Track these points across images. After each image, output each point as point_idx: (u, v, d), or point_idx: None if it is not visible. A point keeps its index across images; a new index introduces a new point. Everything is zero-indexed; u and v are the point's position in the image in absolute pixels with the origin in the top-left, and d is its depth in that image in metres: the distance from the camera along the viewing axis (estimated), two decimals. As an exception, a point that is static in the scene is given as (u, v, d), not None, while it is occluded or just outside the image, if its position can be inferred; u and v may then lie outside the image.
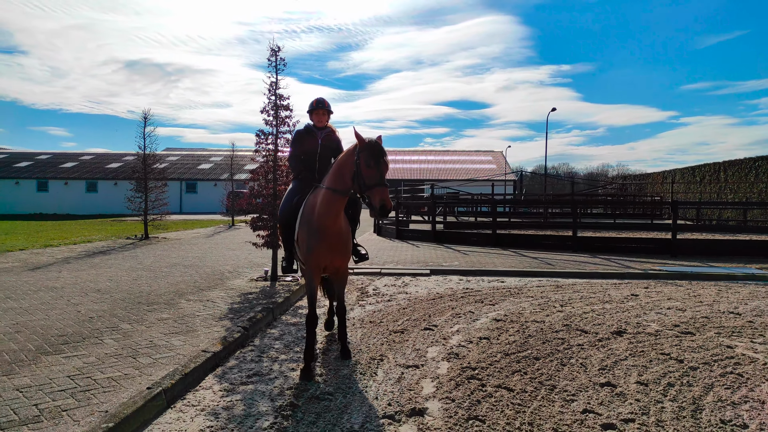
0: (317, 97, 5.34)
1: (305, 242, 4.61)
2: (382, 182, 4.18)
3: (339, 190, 4.42)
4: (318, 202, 4.55)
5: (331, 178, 4.53)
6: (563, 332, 5.93)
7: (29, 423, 3.21)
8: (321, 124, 5.29)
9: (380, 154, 4.23)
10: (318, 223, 4.51)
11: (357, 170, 4.25)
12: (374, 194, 4.11)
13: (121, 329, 5.50)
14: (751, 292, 8.75)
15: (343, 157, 4.53)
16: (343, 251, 4.70)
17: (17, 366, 4.28)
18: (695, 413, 3.71)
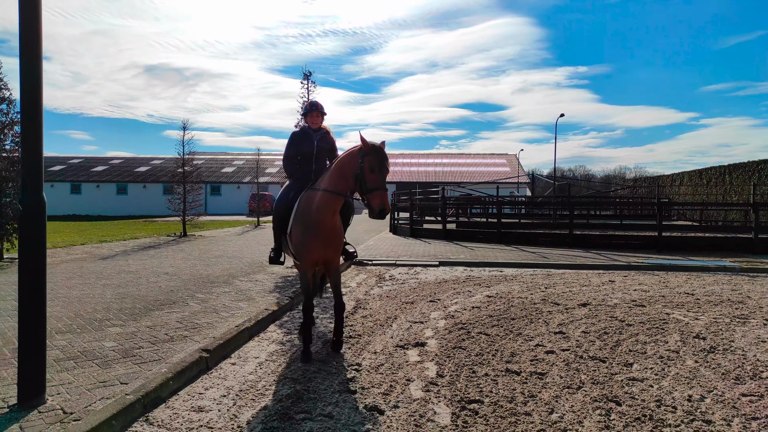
0: (311, 100, 5.58)
1: (299, 237, 4.79)
2: (382, 186, 4.42)
3: (338, 191, 4.63)
4: (315, 201, 4.73)
5: (331, 179, 4.69)
6: (540, 304, 7.52)
7: (168, 342, 4.95)
8: (315, 126, 5.43)
9: (384, 160, 4.45)
10: (314, 220, 4.70)
11: (360, 173, 4.42)
12: (375, 197, 4.34)
13: (198, 297, 7.26)
14: (716, 280, 10.20)
15: (344, 159, 4.66)
16: (335, 246, 4.91)
17: (137, 317, 6.04)
18: (615, 347, 5.31)
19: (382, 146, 4.56)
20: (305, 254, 4.77)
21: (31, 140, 3.30)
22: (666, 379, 4.36)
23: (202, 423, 3.41)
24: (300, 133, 5.43)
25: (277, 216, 5.25)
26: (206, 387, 4.09)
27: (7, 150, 11.07)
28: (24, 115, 3.28)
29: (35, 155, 3.32)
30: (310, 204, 4.77)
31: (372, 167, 4.38)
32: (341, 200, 4.73)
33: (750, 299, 8.08)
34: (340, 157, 4.79)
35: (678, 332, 5.94)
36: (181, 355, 4.46)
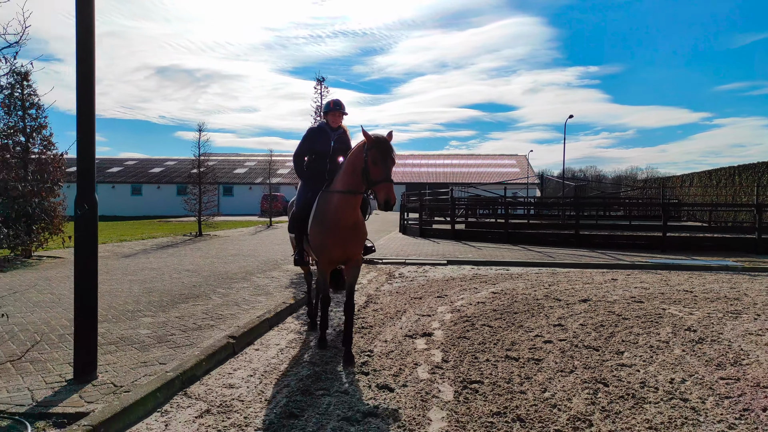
0: (334, 99, 5.42)
1: (318, 238, 4.78)
2: (387, 178, 4.34)
3: (353, 190, 4.62)
4: (333, 202, 4.73)
5: (344, 178, 4.69)
6: (542, 300, 7.91)
7: (196, 330, 5.42)
8: (335, 125, 5.35)
9: (387, 152, 4.36)
10: (332, 220, 4.70)
11: (365, 167, 4.40)
12: (380, 189, 4.28)
13: (219, 292, 7.74)
14: (716, 279, 10.50)
15: (352, 155, 4.67)
16: (357, 243, 4.88)
17: (165, 309, 6.53)
18: (609, 337, 5.70)
19: (388, 137, 4.49)
20: (323, 255, 4.78)
21: (86, 150, 3.78)
22: (653, 365, 4.75)
23: (234, 397, 3.87)
24: (317, 130, 5.33)
25: (295, 218, 5.22)
26: (234, 368, 4.55)
27: (35, 153, 11.66)
28: (79, 128, 3.76)
29: (89, 163, 3.80)
30: (328, 204, 4.77)
31: (375, 160, 4.33)
32: (358, 199, 4.70)
33: (746, 296, 8.40)
34: (348, 154, 4.78)
35: (671, 325, 6.31)
36: (210, 341, 4.93)
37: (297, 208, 5.18)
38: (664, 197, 25.48)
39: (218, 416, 3.51)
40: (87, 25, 3.79)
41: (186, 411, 3.59)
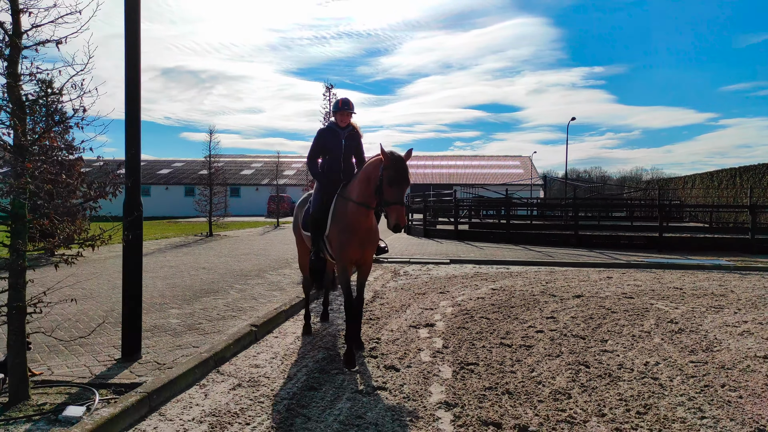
0: (342, 98, 5.45)
1: (338, 240, 4.87)
2: (400, 201, 4.40)
3: (366, 204, 4.75)
4: (349, 209, 4.87)
5: (359, 186, 4.80)
6: (538, 296, 8.44)
7: (220, 320, 5.99)
8: (344, 124, 5.38)
9: (403, 174, 4.42)
10: (350, 223, 4.83)
11: (380, 185, 4.47)
12: (391, 211, 4.37)
13: (236, 287, 8.32)
14: (708, 277, 10.99)
15: (369, 169, 4.74)
16: (371, 245, 5.05)
17: (189, 302, 7.11)
18: (596, 328, 6.23)
19: (407, 156, 4.53)
20: (344, 255, 4.87)
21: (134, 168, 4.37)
22: (632, 351, 5.28)
23: (260, 374, 4.43)
24: (327, 130, 5.39)
25: (314, 220, 5.22)
26: (258, 352, 5.12)
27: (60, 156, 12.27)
28: (128, 140, 4.34)
29: (137, 176, 4.39)
30: (345, 206, 4.88)
31: (390, 181, 4.37)
32: (371, 210, 4.81)
33: (732, 293, 8.90)
34: (365, 165, 4.85)
35: (655, 318, 6.84)
36: (235, 329, 5.51)
37: (315, 209, 5.23)
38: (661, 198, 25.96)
39: (248, 389, 4.08)
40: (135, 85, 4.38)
41: (221, 385, 4.17)
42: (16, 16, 3.34)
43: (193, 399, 3.86)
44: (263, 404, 3.78)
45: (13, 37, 3.34)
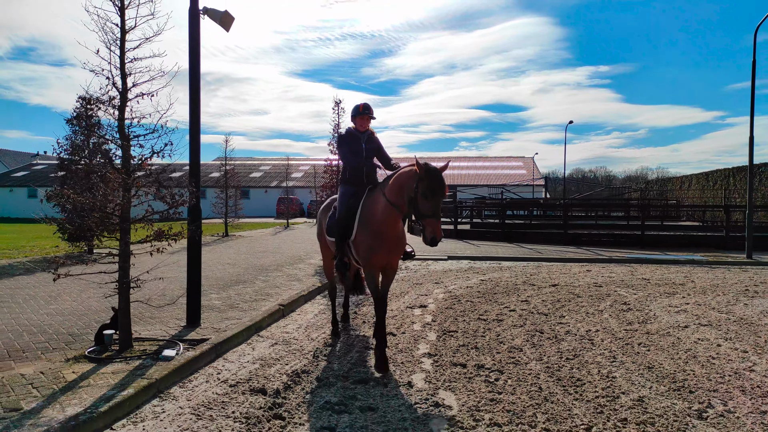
0: (363, 102, 5.43)
1: (365, 244, 4.83)
2: (436, 214, 4.32)
3: (398, 206, 4.67)
4: (380, 210, 4.79)
5: (391, 191, 4.71)
6: (520, 285, 9.81)
7: (253, 300, 7.41)
8: (363, 129, 5.41)
9: (440, 187, 4.33)
10: (380, 228, 4.78)
11: (414, 197, 4.39)
12: (427, 225, 4.30)
13: (260, 279, 9.75)
14: (678, 270, 12.30)
15: (403, 178, 4.64)
16: (399, 251, 5.03)
17: (224, 289, 8.54)
18: (559, 308, 7.59)
19: (442, 169, 4.50)
20: (373, 260, 4.85)
21: (195, 182, 5.79)
22: (581, 323, 6.65)
23: (290, 338, 5.85)
24: (348, 135, 5.42)
25: (339, 224, 5.18)
26: (285, 324, 6.54)
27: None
28: (192, 174, 5.76)
29: (198, 188, 5.81)
30: (375, 212, 4.83)
31: (425, 193, 4.31)
32: (401, 214, 4.76)
33: (692, 282, 10.22)
34: (400, 172, 4.78)
35: (612, 301, 8.20)
36: (266, 307, 6.93)
37: (341, 214, 5.21)
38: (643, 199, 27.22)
39: (283, 345, 5.50)
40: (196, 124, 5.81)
41: (262, 343, 5.59)
42: (123, 78, 4.76)
43: (245, 351, 5.28)
44: (295, 354, 5.20)
45: (123, 92, 4.75)
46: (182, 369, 4.41)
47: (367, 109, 5.39)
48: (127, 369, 4.32)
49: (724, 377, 4.54)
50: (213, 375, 4.52)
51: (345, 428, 3.51)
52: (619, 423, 3.58)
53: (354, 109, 5.45)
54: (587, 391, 4.18)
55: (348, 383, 4.39)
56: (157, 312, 6.54)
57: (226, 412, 3.70)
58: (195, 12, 5.72)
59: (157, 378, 4.06)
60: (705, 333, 6.14)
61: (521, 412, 3.75)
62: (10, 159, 64.31)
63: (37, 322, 6.08)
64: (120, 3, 4.72)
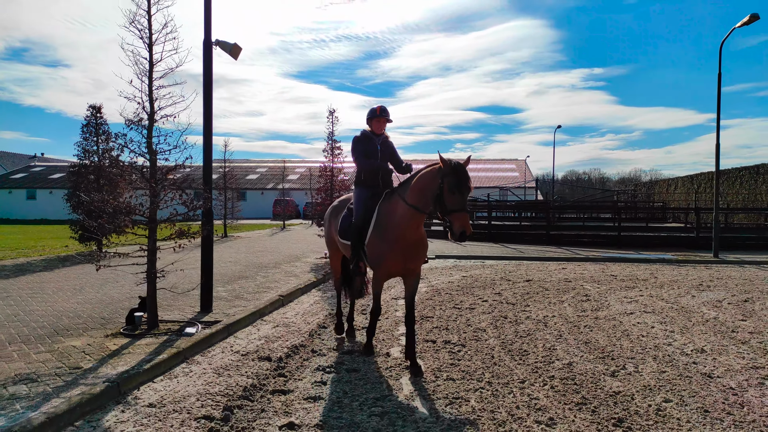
0: (380, 105, 5.36)
1: (377, 249, 4.76)
2: (463, 208, 4.30)
3: (420, 208, 4.60)
4: (398, 215, 4.70)
5: (413, 194, 4.64)
6: (497, 280, 10.82)
7: (256, 292, 8.38)
8: (380, 132, 5.36)
9: (465, 180, 4.32)
10: (395, 234, 4.69)
11: (440, 194, 4.35)
12: (455, 220, 4.27)
13: (260, 275, 10.72)
14: (647, 268, 13.34)
15: (426, 179, 4.58)
16: (420, 256, 4.95)
17: (229, 283, 9.50)
18: (527, 298, 8.60)
19: (465, 163, 4.48)
20: (382, 266, 4.81)
21: (207, 176, 6.76)
22: (542, 310, 7.66)
23: (289, 321, 6.83)
24: (363, 137, 5.35)
25: (356, 227, 5.09)
26: (285, 312, 7.52)
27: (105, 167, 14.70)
28: (205, 182, 6.73)
29: (209, 185, 6.78)
30: (393, 217, 4.76)
31: (452, 188, 4.30)
32: (424, 217, 4.73)
33: (655, 278, 11.25)
34: (420, 173, 4.75)
35: (575, 293, 9.22)
36: (268, 297, 7.91)
37: (358, 218, 5.12)
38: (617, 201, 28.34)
39: (283, 327, 6.48)
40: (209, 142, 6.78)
41: (266, 325, 6.58)
42: (151, 103, 5.74)
43: (251, 331, 6.27)
44: (294, 333, 6.19)
45: (151, 114, 5.73)
46: (202, 342, 5.39)
47: (384, 111, 5.35)
48: (158, 342, 5.29)
49: (645, 349, 5.56)
50: (227, 348, 5.51)
51: (333, 382, 4.50)
52: (548, 378, 4.59)
53: (371, 112, 5.40)
54: (529, 358, 5.19)
55: (337, 353, 5.39)
56: (174, 301, 7.51)
57: (240, 372, 4.69)
58: (209, 44, 6.71)
59: (183, 348, 5.04)
60: (645, 318, 7.16)
61: (473, 372, 4.76)
62: (9, 161, 64.92)
63: (71, 309, 7.04)
64: (149, 41, 5.70)
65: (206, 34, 6.74)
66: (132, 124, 5.65)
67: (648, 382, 4.53)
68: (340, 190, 14.37)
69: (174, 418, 3.67)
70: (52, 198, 50.76)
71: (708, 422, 3.68)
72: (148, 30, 5.68)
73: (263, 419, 3.70)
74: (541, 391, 4.30)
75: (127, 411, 3.79)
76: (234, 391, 4.18)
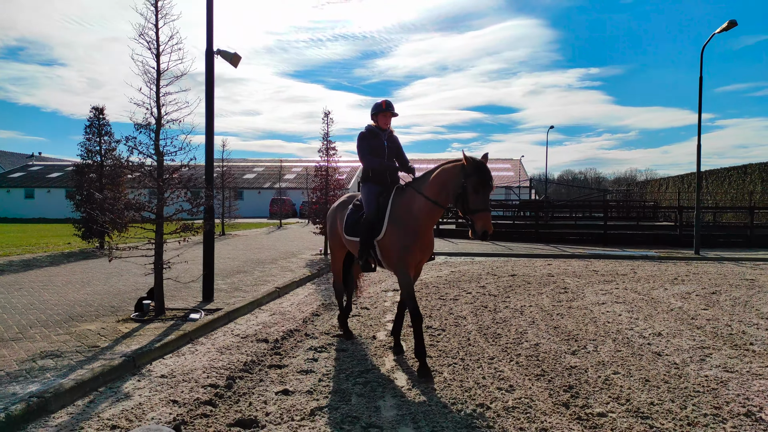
0: (385, 99, 5.32)
1: (399, 242, 4.71)
2: (486, 207, 4.31)
3: (440, 203, 4.63)
4: (416, 208, 4.74)
5: (432, 189, 4.66)
6: (483, 275, 11.38)
7: (254, 285, 8.92)
8: (386, 126, 5.33)
9: (489, 180, 4.35)
10: (417, 227, 4.71)
11: (463, 192, 4.37)
12: (478, 219, 4.28)
13: (258, 270, 11.25)
14: (629, 264, 13.92)
15: (447, 174, 4.60)
16: (429, 251, 5.03)
17: (228, 276, 10.04)
18: (509, 291, 9.17)
19: (485, 161, 4.50)
20: (409, 258, 4.74)
21: (209, 175, 7.29)
22: (521, 301, 8.22)
23: (285, 310, 7.38)
24: (369, 133, 5.32)
25: (367, 223, 5.02)
26: (281, 302, 8.07)
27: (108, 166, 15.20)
28: (207, 182, 7.26)
29: (211, 183, 7.31)
30: (411, 210, 4.77)
31: (476, 188, 4.32)
32: (441, 211, 4.75)
33: (635, 273, 11.83)
34: (440, 169, 4.74)
35: (554, 286, 9.79)
36: (265, 289, 8.45)
37: (370, 213, 5.06)
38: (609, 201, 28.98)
39: (279, 315, 7.03)
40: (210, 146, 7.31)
41: (263, 313, 7.12)
42: (158, 109, 6.27)
43: (249, 318, 6.81)
44: (289, 320, 6.73)
45: (158, 119, 6.26)
46: (206, 326, 5.94)
47: (389, 106, 5.32)
48: (165, 326, 5.83)
49: (607, 333, 6.13)
50: (228, 331, 6.06)
51: (324, 359, 5.06)
52: (515, 356, 5.15)
53: (376, 107, 5.37)
54: (501, 340, 5.76)
55: (328, 337, 5.94)
56: (177, 292, 8.05)
57: (241, 351, 5.24)
58: (210, 53, 7.25)
59: (189, 330, 5.59)
60: (615, 307, 7.73)
61: (449, 351, 5.31)
62: (6, 160, 65.21)
63: (81, 299, 7.57)
64: (156, 51, 6.23)
65: (208, 44, 7.28)
66: (141, 128, 6.18)
67: (603, 359, 5.09)
68: (335, 189, 14.92)
69: (184, 385, 4.22)
70: (50, 197, 51.14)
71: (646, 389, 4.25)
72: (155, 42, 6.21)
73: (261, 387, 4.25)
74: (507, 366, 4.86)
75: (142, 380, 4.34)
76: (235, 366, 4.73)
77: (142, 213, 6.47)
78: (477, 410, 3.83)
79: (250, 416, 3.64)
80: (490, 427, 3.54)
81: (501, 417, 3.71)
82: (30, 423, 3.45)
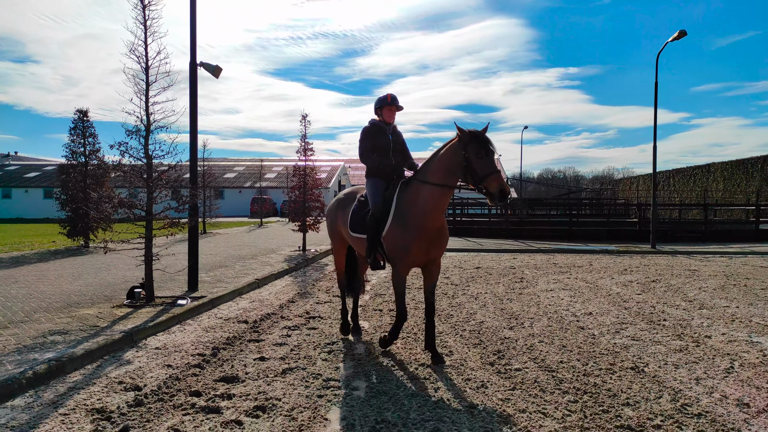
0: (389, 93, 5.21)
1: (400, 240, 4.61)
2: (495, 169, 4.22)
3: (448, 184, 4.51)
4: (422, 198, 4.58)
5: (437, 174, 4.55)
6: (450, 268, 12.26)
7: (235, 278, 9.66)
8: (390, 120, 5.22)
9: (488, 142, 4.27)
10: (420, 222, 4.56)
11: (467, 164, 4.29)
12: (490, 182, 4.18)
13: (238, 264, 11.98)
14: (589, 257, 14.93)
15: (447, 154, 4.52)
16: (442, 244, 4.81)
17: (211, 270, 10.75)
18: (470, 281, 10.06)
19: (484, 130, 4.43)
20: (405, 259, 4.67)
21: (193, 175, 8.03)
22: (478, 289, 9.11)
23: (264, 298, 8.15)
24: (372, 127, 5.22)
25: (374, 218, 4.91)
26: (260, 292, 8.83)
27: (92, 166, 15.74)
28: (192, 182, 7.99)
29: (195, 183, 8.04)
30: (417, 203, 4.64)
31: (479, 153, 4.27)
32: (450, 194, 4.63)
33: (590, 265, 12.83)
34: (439, 152, 4.68)
35: (512, 276, 10.72)
36: (246, 281, 9.21)
37: (377, 207, 4.94)
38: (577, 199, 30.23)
39: (258, 302, 7.80)
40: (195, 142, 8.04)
41: (243, 301, 7.89)
42: (148, 117, 6.99)
43: (231, 305, 7.58)
44: (267, 306, 7.51)
45: (147, 126, 6.98)
46: (192, 311, 6.70)
47: (394, 99, 5.18)
48: (156, 310, 6.57)
49: (546, 313, 7.04)
50: (212, 315, 6.83)
51: (296, 335, 5.86)
52: (461, 331, 6.02)
53: (380, 100, 5.23)
54: (452, 320, 6.63)
55: (302, 319, 6.74)
56: (164, 284, 8.77)
57: (224, 330, 6.01)
58: (194, 65, 7.97)
59: (177, 314, 6.35)
60: (560, 293, 8.67)
61: (405, 328, 6.16)
62: (-19, 159, 64.31)
63: (76, 290, 8.24)
64: (146, 65, 6.95)
65: (192, 57, 8.00)
66: (131, 134, 6.89)
67: (533, 332, 5.99)
68: (312, 188, 15.68)
69: (176, 354, 4.99)
70: (27, 197, 50.81)
71: (560, 352, 5.15)
72: (144, 57, 6.93)
73: (242, 355, 5.05)
74: (451, 338, 5.73)
75: (140, 351, 5.11)
76: (219, 341, 5.51)
77: (134, 210, 7.16)
78: (419, 368, 4.68)
79: (233, 374, 4.43)
80: (427, 378, 4.40)
81: (437, 372, 4.57)
82: (51, 380, 4.20)
